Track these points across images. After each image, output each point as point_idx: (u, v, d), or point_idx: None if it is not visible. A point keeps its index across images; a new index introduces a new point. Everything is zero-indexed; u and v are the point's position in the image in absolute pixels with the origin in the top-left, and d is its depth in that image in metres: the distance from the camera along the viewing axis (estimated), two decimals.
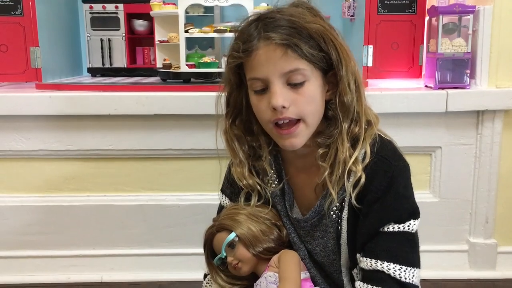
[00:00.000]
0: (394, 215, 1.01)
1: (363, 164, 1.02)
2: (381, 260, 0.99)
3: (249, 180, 1.12)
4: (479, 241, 1.96)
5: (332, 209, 1.08)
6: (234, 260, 1.17)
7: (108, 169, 1.95)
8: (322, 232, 1.11)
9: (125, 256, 1.99)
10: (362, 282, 1.02)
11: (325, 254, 1.13)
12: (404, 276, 0.99)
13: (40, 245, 1.98)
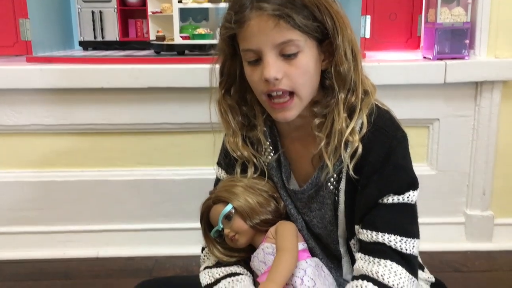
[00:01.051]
0: (393, 187, 1.00)
1: (360, 135, 1.00)
2: (381, 232, 0.98)
3: (243, 151, 1.11)
4: (476, 213, 1.96)
5: (329, 180, 1.07)
6: (231, 232, 1.16)
7: (102, 144, 1.93)
8: (319, 203, 1.10)
9: (120, 231, 1.98)
10: (363, 254, 1.01)
11: (323, 226, 1.12)
12: (404, 247, 0.98)
13: (35, 221, 1.96)
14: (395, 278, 0.96)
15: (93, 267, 1.88)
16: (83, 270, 1.86)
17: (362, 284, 0.95)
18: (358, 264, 1.01)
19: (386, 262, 0.97)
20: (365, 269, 0.98)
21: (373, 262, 0.98)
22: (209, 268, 1.17)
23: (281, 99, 0.99)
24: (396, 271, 0.96)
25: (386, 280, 0.95)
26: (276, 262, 1.06)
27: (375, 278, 0.96)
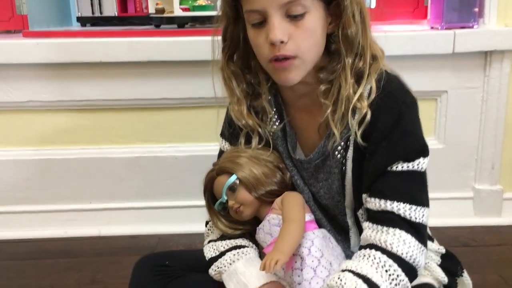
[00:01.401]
0: (403, 153, 0.96)
1: (368, 101, 0.96)
2: (390, 200, 0.95)
3: (248, 119, 1.07)
4: (484, 188, 1.92)
5: (336, 149, 1.04)
6: (235, 204, 1.13)
7: (101, 121, 1.88)
8: (326, 173, 1.07)
9: (122, 209, 1.95)
10: (370, 223, 0.98)
11: (330, 196, 1.09)
12: (414, 216, 0.95)
13: (36, 200, 1.93)
14: (404, 247, 0.93)
15: (95, 246, 1.85)
16: (86, 249, 1.83)
17: (370, 253, 0.92)
18: (366, 233, 0.97)
19: (395, 231, 0.94)
20: (373, 238, 0.95)
21: (381, 231, 0.95)
22: (213, 242, 1.14)
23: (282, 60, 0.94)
24: (405, 240, 0.93)
25: (394, 249, 0.92)
26: (283, 232, 1.03)
27: (384, 247, 0.93)
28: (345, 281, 0.86)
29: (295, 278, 1.01)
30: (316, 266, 0.99)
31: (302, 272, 0.99)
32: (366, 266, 0.89)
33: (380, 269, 0.89)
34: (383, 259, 0.90)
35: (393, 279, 0.89)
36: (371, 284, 0.86)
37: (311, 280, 0.98)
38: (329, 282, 0.88)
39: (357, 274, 0.87)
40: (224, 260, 1.08)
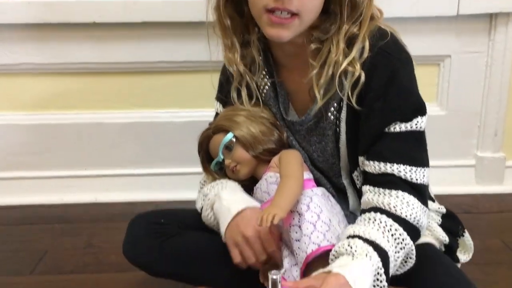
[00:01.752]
0: (399, 113, 0.94)
1: (360, 60, 0.94)
2: (390, 162, 0.93)
3: (239, 65, 1.04)
4: (486, 155, 1.89)
5: (329, 110, 1.01)
6: (232, 162, 1.10)
7: (96, 85, 1.84)
8: (320, 136, 1.05)
9: (119, 176, 1.91)
10: (371, 186, 0.95)
11: (324, 159, 1.07)
12: (415, 177, 0.93)
13: (30, 166, 1.90)
14: (408, 209, 0.91)
15: (91, 212, 1.83)
16: (81, 215, 1.81)
17: (375, 216, 0.90)
18: (367, 196, 0.95)
19: (398, 193, 0.92)
20: (375, 201, 0.93)
21: (383, 193, 0.93)
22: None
23: (282, 15, 0.91)
24: (408, 201, 0.92)
25: (399, 211, 0.90)
26: (280, 188, 1.00)
27: (388, 210, 0.91)
28: (355, 248, 0.84)
29: (293, 234, 0.98)
30: (315, 221, 0.97)
31: (300, 229, 0.97)
32: (373, 231, 0.87)
33: (387, 233, 0.87)
34: (389, 223, 0.88)
35: (399, 243, 0.88)
36: (379, 250, 0.84)
37: (311, 235, 0.95)
38: (338, 249, 0.86)
39: (366, 240, 0.85)
40: (210, 195, 1.09)
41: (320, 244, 0.94)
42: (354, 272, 0.79)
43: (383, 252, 0.84)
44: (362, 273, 0.80)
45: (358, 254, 0.82)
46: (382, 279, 0.83)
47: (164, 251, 1.11)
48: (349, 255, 0.83)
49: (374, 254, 0.83)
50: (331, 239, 0.95)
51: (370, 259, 0.82)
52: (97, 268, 1.45)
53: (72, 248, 1.57)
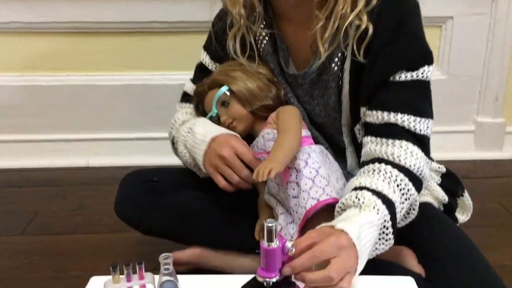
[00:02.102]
0: (406, 60, 0.90)
1: (367, 9, 0.89)
2: (394, 112, 0.89)
3: (240, 8, 0.99)
4: (486, 120, 1.86)
5: (333, 61, 0.97)
6: (228, 118, 1.06)
7: (88, 45, 1.79)
8: (322, 89, 1.01)
9: (111, 140, 1.88)
10: (373, 137, 0.91)
11: (326, 114, 1.03)
12: (418, 127, 0.89)
13: (19, 129, 1.85)
14: (412, 159, 0.87)
15: (83, 176, 1.80)
16: (73, 178, 1.77)
17: (379, 167, 0.86)
18: (369, 147, 0.91)
19: (402, 143, 0.88)
20: (378, 152, 0.89)
21: (386, 143, 0.89)
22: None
23: None
24: (412, 151, 0.88)
25: (402, 161, 0.87)
26: (277, 143, 0.97)
27: (391, 160, 0.87)
28: (363, 200, 0.80)
29: (290, 191, 0.95)
30: (314, 176, 0.93)
31: (298, 185, 0.93)
32: (379, 182, 0.84)
33: (393, 184, 0.84)
34: (394, 173, 0.85)
35: (404, 194, 0.85)
36: (387, 202, 0.81)
37: (309, 190, 0.92)
38: (345, 201, 0.83)
39: (373, 191, 0.82)
40: (182, 131, 1.08)
41: (319, 198, 0.91)
42: (359, 227, 0.74)
43: (391, 204, 0.81)
44: (367, 228, 0.76)
45: (366, 206, 0.79)
46: (388, 232, 0.80)
47: (157, 209, 1.08)
48: (356, 207, 0.80)
49: (382, 207, 0.79)
50: (330, 193, 0.92)
51: (378, 212, 0.79)
52: (88, 229, 1.43)
53: (63, 210, 1.54)
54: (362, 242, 0.74)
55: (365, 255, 0.75)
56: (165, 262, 0.68)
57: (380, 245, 0.81)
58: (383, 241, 0.81)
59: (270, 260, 0.66)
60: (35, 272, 1.22)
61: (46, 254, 1.29)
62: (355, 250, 0.72)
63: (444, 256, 0.89)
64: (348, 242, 0.71)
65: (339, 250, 0.69)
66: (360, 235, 0.73)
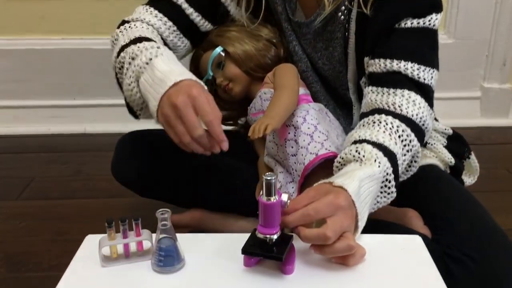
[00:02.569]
0: (413, 6, 0.86)
1: None
2: (397, 59, 0.85)
3: None
4: (493, 86, 1.82)
5: (340, 10, 0.92)
6: (224, 80, 1.03)
7: (83, 7, 1.73)
8: (326, 41, 0.97)
9: (109, 106, 1.83)
10: (374, 87, 0.87)
11: (330, 67, 0.99)
12: (422, 76, 0.85)
13: (16, 94, 1.81)
14: (414, 108, 0.83)
15: (80, 142, 1.76)
16: (70, 145, 1.74)
17: (380, 118, 0.82)
18: (370, 97, 0.87)
19: (403, 92, 0.84)
20: (378, 102, 0.85)
21: (387, 93, 0.85)
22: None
23: None
24: (414, 100, 0.84)
25: (404, 110, 0.82)
26: (274, 99, 0.93)
27: (392, 110, 0.83)
28: (363, 154, 0.76)
29: (289, 149, 0.92)
30: (312, 132, 0.90)
31: (297, 143, 0.90)
32: (380, 134, 0.79)
33: (394, 135, 0.79)
34: (395, 124, 0.81)
35: (406, 145, 0.81)
36: (388, 154, 0.77)
37: (308, 146, 0.88)
38: (345, 156, 0.78)
39: (374, 144, 0.77)
40: (138, 61, 0.84)
41: (317, 153, 0.87)
42: (359, 182, 0.70)
43: (392, 156, 0.77)
44: (367, 182, 0.72)
45: (366, 160, 0.75)
46: (391, 185, 0.77)
47: (155, 170, 1.05)
48: (356, 162, 0.76)
49: (384, 160, 0.75)
50: (329, 148, 0.88)
51: (379, 165, 0.74)
52: (86, 194, 1.40)
53: (60, 176, 1.51)
54: (362, 197, 0.70)
55: (365, 211, 0.71)
56: (163, 218, 0.65)
57: (382, 198, 0.77)
58: (385, 194, 0.77)
59: (270, 216, 0.63)
60: (32, 235, 1.19)
61: (43, 218, 1.27)
62: (354, 210, 0.68)
63: (452, 216, 0.86)
64: (346, 201, 0.67)
65: (336, 210, 0.65)
66: (360, 191, 0.69)
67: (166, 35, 0.98)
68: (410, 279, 0.63)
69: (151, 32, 0.94)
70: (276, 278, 0.63)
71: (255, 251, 0.63)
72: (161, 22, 0.97)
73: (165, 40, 0.98)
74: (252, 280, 0.63)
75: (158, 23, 0.97)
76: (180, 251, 0.66)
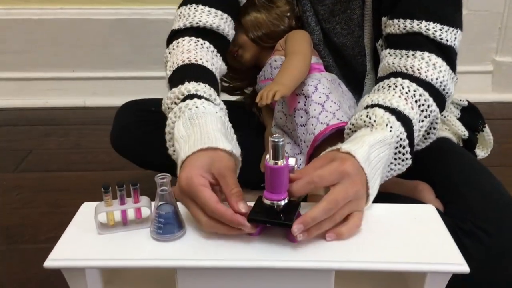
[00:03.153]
0: None
1: None
2: (418, 20, 0.79)
3: None
4: (506, 60, 1.76)
5: None
6: (234, 46, 1.00)
7: None
8: (345, 3, 0.92)
9: (108, 79, 1.79)
10: (392, 49, 0.82)
11: (348, 32, 0.94)
12: (445, 37, 0.78)
13: (12, 66, 1.76)
14: (434, 71, 0.77)
15: (79, 115, 1.72)
16: (69, 118, 1.69)
17: (396, 82, 0.76)
18: (387, 61, 0.82)
19: (423, 54, 0.78)
20: (396, 65, 0.79)
21: (406, 55, 0.79)
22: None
23: None
24: (435, 63, 0.78)
25: (423, 74, 0.77)
26: (284, 65, 0.89)
27: (411, 73, 0.77)
28: (374, 118, 0.70)
29: (298, 119, 0.87)
30: (324, 101, 0.85)
31: (307, 112, 0.85)
32: (394, 98, 0.73)
33: (410, 100, 0.74)
34: (412, 88, 0.75)
35: (423, 110, 0.75)
36: (402, 118, 0.71)
37: (318, 116, 0.84)
38: (355, 121, 0.73)
39: (387, 108, 0.71)
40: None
41: (328, 123, 0.83)
42: (368, 147, 0.65)
43: (407, 121, 0.72)
44: (378, 147, 0.67)
45: (378, 125, 0.69)
46: (405, 151, 0.71)
47: (155, 139, 1.00)
48: (367, 127, 0.71)
49: (397, 124, 0.70)
50: (341, 118, 0.83)
51: (391, 129, 0.69)
52: (84, 167, 1.36)
53: (58, 148, 1.47)
54: (372, 163, 0.65)
55: (377, 178, 0.66)
56: (162, 183, 0.60)
57: (396, 166, 0.72)
58: (399, 161, 0.72)
59: (277, 180, 0.58)
60: (29, 207, 1.16)
61: (41, 190, 1.23)
62: (362, 176, 0.63)
63: (465, 189, 0.81)
64: (353, 167, 0.61)
65: (341, 177, 0.60)
66: (370, 156, 0.64)
67: (222, 29, 0.89)
68: (426, 249, 0.58)
69: (196, 48, 0.84)
70: (282, 246, 0.59)
71: (262, 218, 0.59)
72: (218, 18, 0.88)
73: (221, 33, 0.89)
74: (258, 248, 0.59)
75: (217, 21, 0.88)
76: (181, 218, 0.62)
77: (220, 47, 0.88)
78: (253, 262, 0.56)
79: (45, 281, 0.90)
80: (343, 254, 0.57)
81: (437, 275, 0.56)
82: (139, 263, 0.57)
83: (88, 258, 0.58)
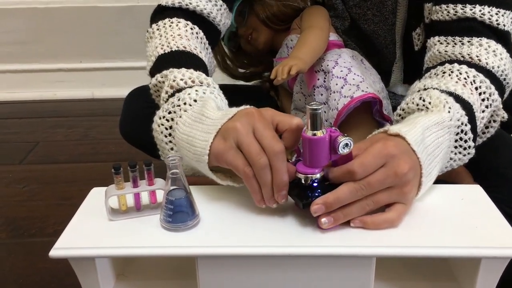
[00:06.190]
0: None
1: None
2: (470, 4, 0.70)
3: None
4: None
5: None
6: (247, 29, 0.95)
7: None
8: None
9: (118, 69, 1.73)
10: (442, 36, 0.72)
11: (381, 19, 0.87)
12: (502, 22, 0.70)
13: (19, 57, 1.71)
14: (495, 59, 0.68)
15: (88, 107, 1.67)
16: (77, 109, 1.64)
17: (452, 67, 0.66)
18: (437, 49, 0.72)
19: (481, 41, 0.69)
20: (449, 53, 0.70)
21: (460, 42, 0.70)
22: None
23: None
24: (495, 50, 0.68)
25: (483, 61, 0.67)
26: (300, 39, 0.84)
27: (468, 60, 0.67)
28: (429, 100, 0.60)
29: (317, 97, 0.81)
30: (346, 74, 0.78)
31: (327, 89, 0.79)
32: (451, 83, 0.64)
33: (469, 86, 0.64)
34: (471, 74, 0.65)
35: (485, 99, 0.65)
36: (462, 101, 0.61)
37: (341, 90, 0.77)
38: (406, 106, 0.63)
39: (443, 91, 0.62)
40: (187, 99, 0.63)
41: (353, 95, 0.75)
42: (422, 130, 0.55)
43: (467, 105, 0.62)
44: (435, 130, 0.57)
45: (433, 106, 0.60)
46: (467, 138, 0.61)
47: None
48: (421, 111, 0.61)
49: (456, 106, 0.60)
50: (367, 90, 0.75)
51: (449, 110, 0.59)
52: (93, 158, 1.31)
53: (66, 140, 1.42)
54: (429, 149, 0.55)
55: (434, 166, 0.56)
56: (173, 165, 0.52)
57: (457, 155, 0.62)
58: (460, 149, 0.62)
59: (315, 153, 0.51)
60: (36, 200, 1.11)
61: (48, 183, 1.18)
62: (412, 159, 0.52)
63: (507, 171, 0.74)
64: (399, 148, 0.52)
65: (385, 161, 0.51)
66: (425, 140, 0.55)
67: (213, 16, 0.79)
68: (478, 232, 0.52)
69: (192, 37, 0.76)
70: (312, 231, 0.52)
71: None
72: (211, 4, 0.79)
73: (212, 22, 0.80)
74: (286, 233, 0.52)
75: (209, 7, 0.79)
76: (194, 206, 0.55)
77: (210, 39, 0.78)
78: (283, 249, 0.50)
79: (53, 275, 0.85)
80: (383, 238, 0.50)
81: (493, 261, 0.49)
82: (155, 251, 0.51)
83: (98, 246, 0.52)
